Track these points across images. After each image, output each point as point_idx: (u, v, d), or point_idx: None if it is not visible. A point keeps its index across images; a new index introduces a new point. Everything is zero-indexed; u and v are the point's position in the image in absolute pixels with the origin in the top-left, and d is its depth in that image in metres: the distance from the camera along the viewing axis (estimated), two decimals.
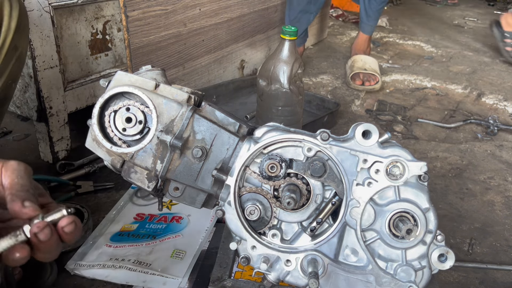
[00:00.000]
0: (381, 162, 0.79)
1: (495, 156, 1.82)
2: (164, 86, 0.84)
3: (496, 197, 1.55)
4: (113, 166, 0.85)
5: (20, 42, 1.18)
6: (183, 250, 1.16)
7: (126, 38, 1.51)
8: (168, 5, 1.68)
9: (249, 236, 0.83)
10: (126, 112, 0.82)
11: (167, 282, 1.06)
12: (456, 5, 4.83)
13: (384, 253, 0.83)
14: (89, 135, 0.85)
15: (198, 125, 0.82)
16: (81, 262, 1.10)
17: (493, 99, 2.37)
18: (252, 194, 0.83)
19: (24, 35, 1.11)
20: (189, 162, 0.83)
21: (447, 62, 2.96)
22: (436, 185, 1.59)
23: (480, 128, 2.06)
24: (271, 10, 2.41)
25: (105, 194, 1.38)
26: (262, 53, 2.44)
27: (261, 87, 1.50)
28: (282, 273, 0.84)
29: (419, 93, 2.44)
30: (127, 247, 1.16)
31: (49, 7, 1.36)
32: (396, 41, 3.36)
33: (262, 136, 0.82)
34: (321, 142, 0.80)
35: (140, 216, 1.29)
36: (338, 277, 0.83)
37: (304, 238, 0.84)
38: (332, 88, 2.39)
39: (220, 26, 2.03)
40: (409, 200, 0.81)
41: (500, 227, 1.40)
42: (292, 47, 1.43)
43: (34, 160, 1.54)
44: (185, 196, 0.87)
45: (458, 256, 1.23)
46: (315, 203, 0.84)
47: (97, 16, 1.56)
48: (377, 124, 2.04)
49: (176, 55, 1.81)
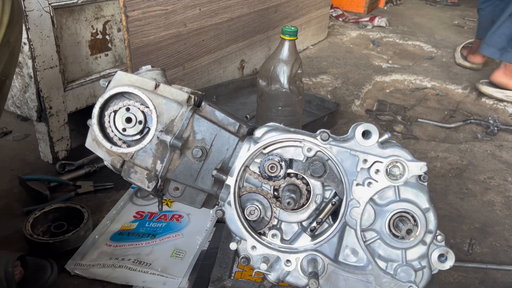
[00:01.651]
0: (381, 162, 0.79)
1: (495, 156, 1.82)
2: (164, 86, 0.84)
3: (496, 197, 1.55)
4: (113, 166, 0.85)
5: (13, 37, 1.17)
6: (183, 250, 1.16)
7: (126, 38, 1.51)
8: (168, 5, 1.68)
9: (249, 236, 0.83)
10: (126, 112, 0.82)
11: (167, 282, 1.06)
12: (456, 5, 4.83)
13: (384, 253, 0.83)
14: (89, 135, 0.85)
15: (198, 125, 0.82)
16: (81, 262, 1.10)
17: (493, 99, 2.37)
18: (252, 194, 0.83)
19: (17, 29, 1.09)
20: (189, 162, 0.83)
21: (447, 62, 2.96)
22: (436, 185, 1.59)
23: (480, 128, 2.06)
24: (271, 10, 2.41)
25: (105, 194, 1.38)
26: (262, 53, 2.44)
27: (261, 87, 1.50)
28: (282, 273, 0.84)
29: (419, 93, 2.44)
30: (127, 246, 1.16)
31: (49, 7, 1.36)
32: (396, 41, 3.36)
33: (262, 136, 0.82)
34: (321, 142, 0.80)
35: (140, 214, 1.29)
36: (338, 277, 0.83)
37: (304, 238, 0.84)
38: (332, 88, 2.39)
39: (220, 26, 2.03)
40: (409, 200, 0.81)
41: (500, 227, 1.40)
42: (292, 47, 1.43)
43: (34, 160, 1.54)
44: (185, 196, 0.87)
45: (458, 256, 1.23)
46: (315, 203, 0.84)
47: (97, 16, 1.56)
48: (377, 124, 2.03)
49: (176, 55, 1.81)
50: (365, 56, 2.96)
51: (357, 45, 3.20)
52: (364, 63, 2.81)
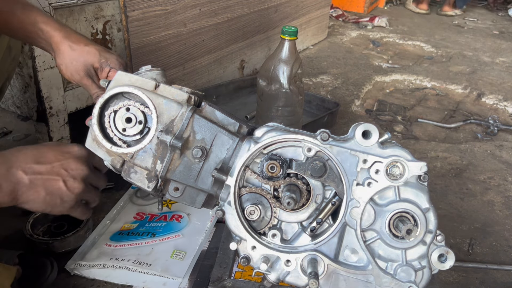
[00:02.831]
0: (381, 162, 0.79)
1: (495, 156, 1.82)
2: (164, 86, 0.84)
3: (496, 197, 1.55)
4: (113, 166, 0.85)
5: (14, 43, 1.20)
6: (183, 250, 1.16)
7: (126, 38, 1.51)
8: (168, 5, 1.68)
9: (249, 236, 0.83)
10: (126, 112, 0.82)
11: (167, 283, 1.06)
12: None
13: (384, 253, 0.83)
14: (89, 135, 0.85)
15: (198, 125, 0.82)
16: (81, 262, 1.10)
17: (493, 99, 2.37)
18: (252, 194, 0.83)
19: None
20: (189, 162, 0.83)
21: (447, 62, 2.96)
22: (436, 185, 1.59)
23: (480, 128, 2.06)
24: (271, 10, 2.41)
25: (105, 194, 1.38)
26: (262, 53, 2.44)
27: (261, 87, 1.50)
28: (282, 273, 0.84)
29: (419, 93, 2.44)
30: (127, 246, 1.16)
31: (49, 7, 1.36)
32: (396, 41, 3.36)
33: (262, 136, 0.82)
34: (321, 142, 0.80)
35: (140, 215, 1.29)
36: (338, 277, 0.83)
37: (304, 238, 0.84)
38: (332, 88, 2.39)
39: (220, 26, 2.03)
40: (409, 200, 0.81)
41: (500, 227, 1.40)
42: (292, 47, 1.43)
43: None
44: (185, 196, 0.87)
45: (458, 256, 1.23)
46: (315, 203, 0.84)
47: (97, 16, 1.56)
48: (377, 124, 2.04)
49: (176, 55, 1.81)
50: (365, 56, 2.96)
51: (357, 45, 3.20)
52: (364, 63, 2.81)
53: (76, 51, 1.02)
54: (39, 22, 1.02)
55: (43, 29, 1.02)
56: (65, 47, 1.02)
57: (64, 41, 1.01)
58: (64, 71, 1.04)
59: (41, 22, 1.02)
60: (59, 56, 1.03)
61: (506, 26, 4.05)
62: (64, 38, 1.02)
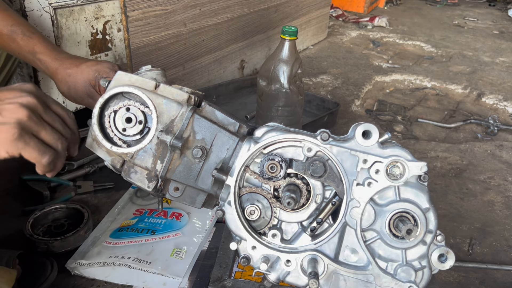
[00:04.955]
0: (381, 162, 0.79)
1: (495, 156, 1.82)
2: (164, 86, 0.84)
3: (496, 197, 1.55)
4: (113, 166, 0.85)
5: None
6: (183, 249, 1.16)
7: (126, 38, 1.52)
8: (168, 5, 1.68)
9: (249, 236, 0.83)
10: (126, 112, 0.82)
11: (167, 282, 1.06)
12: (456, 5, 4.83)
13: (384, 253, 0.83)
14: (89, 135, 0.85)
15: (198, 125, 0.82)
16: (81, 261, 1.10)
17: (493, 99, 2.37)
18: (252, 194, 0.83)
19: None
20: (189, 162, 0.83)
21: (447, 62, 2.96)
22: (436, 185, 1.59)
23: (480, 128, 2.06)
24: (271, 10, 2.41)
25: (105, 194, 1.38)
26: (262, 53, 2.45)
27: (261, 87, 1.50)
28: (282, 273, 0.84)
29: (419, 93, 2.44)
30: (127, 243, 1.16)
31: (49, 7, 1.36)
32: (396, 41, 3.36)
33: (262, 136, 0.82)
34: (321, 142, 0.80)
35: (140, 211, 1.29)
36: (338, 277, 0.83)
37: (304, 238, 0.84)
38: (332, 88, 2.39)
39: (220, 26, 2.03)
40: (409, 200, 0.81)
41: (500, 227, 1.40)
42: (292, 47, 1.43)
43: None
44: (185, 196, 0.87)
45: (458, 256, 1.23)
46: (315, 203, 0.84)
47: (97, 16, 1.56)
48: (377, 124, 2.04)
49: (176, 55, 1.81)
50: (365, 56, 2.96)
51: (357, 45, 3.20)
52: (364, 63, 2.81)
53: (71, 76, 1.07)
54: (38, 52, 1.07)
55: (41, 59, 1.07)
56: (63, 75, 1.07)
57: (60, 69, 1.07)
58: (68, 98, 1.11)
59: (39, 53, 1.07)
60: (59, 85, 1.09)
61: (506, 26, 4.06)
62: (60, 66, 1.07)
